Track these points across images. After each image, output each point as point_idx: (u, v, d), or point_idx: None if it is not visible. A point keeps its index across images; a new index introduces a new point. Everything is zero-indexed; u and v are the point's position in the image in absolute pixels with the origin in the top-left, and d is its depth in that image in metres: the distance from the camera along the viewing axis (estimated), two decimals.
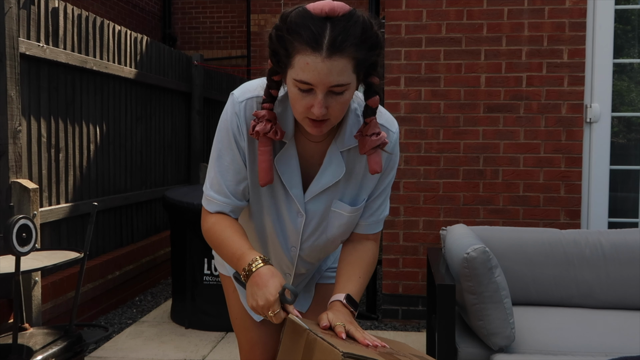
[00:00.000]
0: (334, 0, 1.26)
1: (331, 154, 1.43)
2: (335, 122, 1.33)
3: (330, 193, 1.47)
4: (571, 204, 3.74)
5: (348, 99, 1.30)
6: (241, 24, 9.29)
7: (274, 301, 1.29)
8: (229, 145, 1.44)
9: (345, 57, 1.23)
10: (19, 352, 2.42)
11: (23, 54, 3.32)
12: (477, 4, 3.75)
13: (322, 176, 1.45)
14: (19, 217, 2.34)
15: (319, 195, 1.47)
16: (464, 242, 2.50)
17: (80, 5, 6.52)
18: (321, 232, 1.51)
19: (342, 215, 1.48)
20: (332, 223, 1.49)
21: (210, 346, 3.53)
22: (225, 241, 1.44)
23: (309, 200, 1.47)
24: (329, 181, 1.45)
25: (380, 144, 1.36)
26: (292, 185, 1.45)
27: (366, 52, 1.27)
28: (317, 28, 1.22)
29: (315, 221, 1.50)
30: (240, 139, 1.43)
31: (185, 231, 3.81)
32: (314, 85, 1.25)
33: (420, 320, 3.92)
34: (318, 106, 1.26)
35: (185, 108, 5.96)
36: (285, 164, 1.44)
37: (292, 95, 1.30)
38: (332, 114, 1.30)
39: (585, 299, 2.84)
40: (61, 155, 3.79)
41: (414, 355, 1.34)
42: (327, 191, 1.46)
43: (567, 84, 3.71)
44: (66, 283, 3.66)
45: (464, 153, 3.81)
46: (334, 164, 1.44)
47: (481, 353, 2.42)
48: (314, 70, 1.23)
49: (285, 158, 1.43)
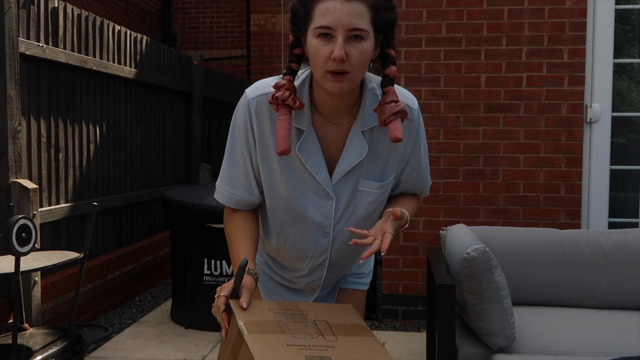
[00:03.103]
0: None
1: (353, 135, 1.47)
2: (355, 78, 1.36)
3: (356, 173, 1.50)
4: (571, 204, 3.74)
5: (367, 49, 1.34)
6: (241, 24, 9.29)
7: (225, 286, 1.37)
8: (240, 142, 1.50)
9: (363, 3, 1.31)
10: (18, 352, 2.42)
11: (23, 54, 3.32)
12: (477, 4, 3.75)
13: (346, 156, 1.48)
14: (18, 217, 2.34)
15: (345, 176, 1.50)
16: (464, 242, 2.50)
17: (80, 5, 6.52)
18: (351, 213, 1.54)
19: (370, 193, 1.52)
20: (361, 202, 1.53)
21: (210, 346, 3.53)
22: (232, 242, 1.53)
23: (336, 183, 1.50)
24: (354, 161, 1.48)
25: (399, 110, 1.39)
26: (318, 170, 1.48)
27: (383, 6, 1.34)
28: None
29: (344, 202, 1.53)
30: (251, 136, 1.48)
31: (185, 231, 3.80)
32: (333, 28, 1.31)
33: (420, 320, 3.91)
34: (338, 48, 1.30)
35: (185, 108, 5.96)
36: (307, 151, 1.47)
37: (313, 49, 1.34)
38: (352, 64, 1.33)
39: (585, 299, 2.84)
40: (61, 155, 3.79)
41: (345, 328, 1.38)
42: (353, 172, 1.50)
43: (567, 84, 3.71)
44: (66, 283, 3.66)
45: (464, 153, 3.81)
46: (357, 143, 1.48)
47: (481, 353, 2.42)
48: (334, 12, 1.30)
49: (306, 145, 1.47)
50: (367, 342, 1.34)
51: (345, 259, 1.65)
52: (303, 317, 1.39)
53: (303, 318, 1.38)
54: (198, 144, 6.09)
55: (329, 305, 1.52)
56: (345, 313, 1.46)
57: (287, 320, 1.36)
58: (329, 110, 1.46)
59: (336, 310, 1.48)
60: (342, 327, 1.38)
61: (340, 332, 1.36)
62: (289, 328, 1.33)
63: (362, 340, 1.35)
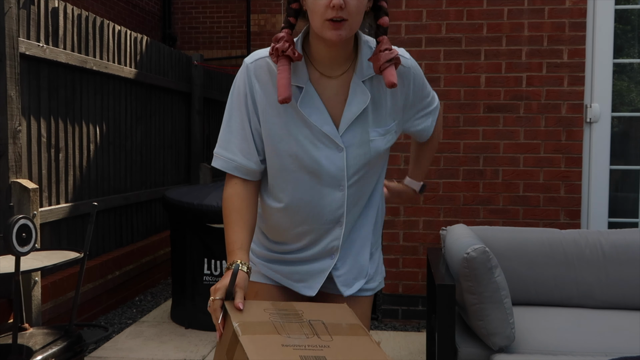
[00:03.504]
0: None
1: (355, 85, 1.52)
2: (352, 25, 1.42)
3: (362, 123, 1.54)
4: (571, 204, 3.74)
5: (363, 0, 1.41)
6: (241, 24, 9.29)
7: (219, 287, 1.38)
8: (239, 107, 1.54)
9: None
10: (18, 352, 2.42)
11: (23, 54, 3.32)
12: (477, 4, 3.75)
13: (351, 105, 1.52)
14: (18, 217, 2.34)
15: (352, 127, 1.53)
16: (464, 242, 2.50)
17: (80, 5, 6.52)
18: (363, 164, 1.57)
19: (377, 140, 1.56)
20: (370, 151, 1.57)
21: (210, 346, 3.53)
22: (228, 226, 1.53)
23: (343, 134, 1.53)
24: (359, 108, 1.52)
25: (393, 57, 1.45)
26: (323, 123, 1.52)
27: None
28: None
29: (354, 153, 1.56)
30: (250, 101, 1.52)
31: (185, 231, 3.81)
32: None
33: (420, 320, 3.91)
34: None
35: (185, 108, 5.96)
36: (309, 106, 1.51)
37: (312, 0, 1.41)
38: (350, 12, 1.39)
39: (585, 299, 2.84)
40: (61, 155, 3.79)
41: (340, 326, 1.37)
42: (359, 121, 1.54)
43: (567, 84, 3.71)
44: (66, 283, 3.66)
45: (464, 153, 3.81)
46: (359, 92, 1.52)
47: (481, 353, 2.42)
48: None
49: (307, 100, 1.51)
50: (363, 341, 1.34)
51: (358, 212, 1.64)
52: (298, 318, 1.38)
53: (298, 318, 1.38)
54: (198, 144, 6.09)
55: (324, 305, 1.51)
56: (341, 313, 1.46)
57: (282, 321, 1.36)
58: (326, 63, 1.52)
59: (332, 310, 1.47)
60: (337, 327, 1.38)
61: (336, 332, 1.36)
62: (284, 328, 1.33)
63: (357, 340, 1.35)
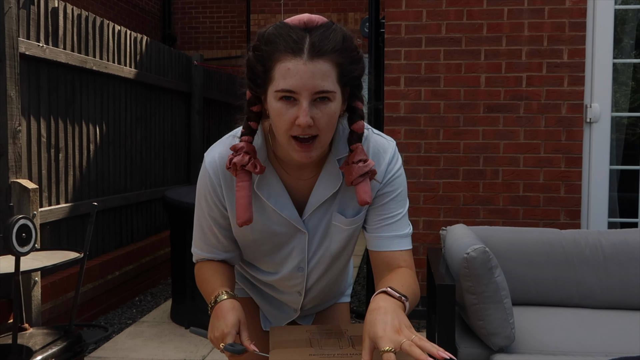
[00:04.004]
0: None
1: (328, 166, 1.36)
2: (323, 140, 1.24)
3: (329, 207, 1.39)
4: (571, 204, 3.74)
5: (334, 111, 1.22)
6: (241, 24, 9.29)
7: (227, 333, 1.27)
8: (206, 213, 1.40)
9: (328, 61, 1.18)
10: (18, 352, 2.42)
11: (23, 54, 3.32)
12: (477, 4, 3.75)
13: (319, 189, 1.37)
14: (18, 217, 2.34)
15: (318, 210, 1.39)
16: (464, 242, 2.50)
17: (80, 5, 6.52)
18: (325, 249, 1.45)
19: (340, 228, 1.41)
20: (335, 238, 1.43)
21: (210, 346, 3.53)
22: (204, 282, 1.43)
23: (309, 217, 1.40)
24: (326, 194, 1.37)
25: (368, 171, 1.28)
26: (283, 207, 1.37)
27: (349, 61, 1.21)
28: (296, 35, 1.18)
29: (319, 237, 1.43)
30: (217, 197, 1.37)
31: (185, 231, 3.80)
32: (297, 91, 1.18)
33: (420, 320, 3.91)
34: (304, 114, 1.18)
35: (185, 108, 5.96)
36: (267, 188, 1.36)
37: (275, 112, 1.21)
38: (320, 127, 1.21)
39: (585, 299, 2.84)
40: (61, 155, 3.79)
41: None
42: (325, 205, 1.39)
43: (567, 84, 3.71)
44: (66, 283, 3.66)
45: (464, 153, 3.81)
46: (331, 175, 1.36)
47: (481, 353, 2.42)
48: (296, 74, 1.17)
49: (265, 182, 1.36)
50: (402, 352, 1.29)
51: (322, 293, 1.59)
52: (340, 335, 1.33)
53: (340, 335, 1.33)
54: (198, 144, 6.09)
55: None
56: None
57: (320, 337, 1.31)
58: (295, 168, 1.35)
59: None
60: None
61: None
62: (320, 343, 1.28)
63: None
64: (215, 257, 1.47)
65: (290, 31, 1.19)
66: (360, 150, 1.29)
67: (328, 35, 1.19)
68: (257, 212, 1.37)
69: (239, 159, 1.27)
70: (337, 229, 1.42)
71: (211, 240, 1.45)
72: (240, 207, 1.29)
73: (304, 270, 1.48)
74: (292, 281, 1.51)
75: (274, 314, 1.64)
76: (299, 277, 1.50)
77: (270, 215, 1.38)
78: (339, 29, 1.22)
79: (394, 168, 1.38)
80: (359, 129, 1.30)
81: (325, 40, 1.18)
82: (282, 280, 1.51)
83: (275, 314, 1.64)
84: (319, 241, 1.43)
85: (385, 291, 1.23)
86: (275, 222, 1.39)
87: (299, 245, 1.43)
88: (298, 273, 1.48)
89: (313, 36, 1.18)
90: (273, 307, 1.63)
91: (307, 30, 1.20)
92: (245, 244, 1.46)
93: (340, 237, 1.43)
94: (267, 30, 1.23)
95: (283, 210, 1.37)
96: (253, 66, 1.23)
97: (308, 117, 1.18)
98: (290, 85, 1.17)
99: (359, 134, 1.30)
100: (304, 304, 1.58)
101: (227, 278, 1.42)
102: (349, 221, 1.40)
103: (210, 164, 1.36)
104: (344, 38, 1.22)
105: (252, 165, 1.28)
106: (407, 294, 1.27)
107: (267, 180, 1.36)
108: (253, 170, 1.28)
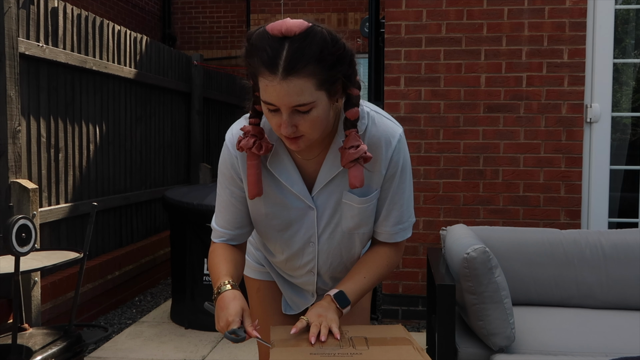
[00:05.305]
0: (292, 19, 1.27)
1: (336, 145, 1.43)
2: (313, 137, 1.33)
3: (339, 184, 1.46)
4: (571, 204, 3.74)
5: (318, 115, 1.29)
6: (241, 24, 9.29)
7: (231, 322, 1.33)
8: (225, 184, 1.52)
9: (303, 77, 1.23)
10: (18, 353, 2.42)
11: (22, 54, 3.32)
12: (477, 3, 3.75)
13: (326, 166, 1.45)
14: (18, 217, 2.34)
15: (327, 187, 1.47)
16: (464, 242, 2.50)
17: (79, 5, 6.52)
18: (336, 225, 1.51)
19: (352, 206, 1.47)
20: (345, 215, 1.49)
21: (210, 346, 3.53)
22: (212, 268, 1.51)
23: (319, 194, 1.48)
24: (334, 171, 1.45)
25: (360, 157, 1.34)
26: (293, 183, 1.47)
27: (329, 66, 1.25)
28: (273, 50, 1.23)
29: (328, 213, 1.50)
30: (234, 170, 1.49)
31: (185, 231, 3.80)
32: (276, 105, 1.27)
33: (420, 321, 3.91)
34: (284, 126, 1.28)
35: (185, 108, 5.96)
36: (279, 165, 1.47)
37: (265, 113, 1.33)
38: (305, 131, 1.30)
39: (585, 299, 2.84)
40: (61, 155, 3.79)
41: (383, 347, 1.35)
42: (335, 182, 1.46)
43: (567, 84, 3.71)
44: (66, 283, 3.66)
45: (464, 153, 3.81)
46: (338, 155, 1.42)
47: (481, 353, 2.42)
48: (273, 92, 1.25)
49: (278, 160, 1.46)
50: (403, 350, 1.31)
51: (337, 274, 1.63)
52: (340, 335, 1.38)
53: (340, 336, 1.37)
54: (198, 144, 6.09)
55: (376, 327, 1.50)
56: (391, 331, 1.45)
57: None
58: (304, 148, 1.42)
59: (382, 329, 1.46)
60: (379, 340, 1.37)
61: (376, 343, 1.35)
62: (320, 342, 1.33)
63: (396, 349, 1.32)
64: (229, 234, 1.55)
65: (268, 43, 1.24)
66: (354, 136, 1.35)
67: (303, 48, 1.22)
68: (269, 187, 1.47)
69: (245, 142, 1.38)
70: (348, 207, 1.48)
71: (227, 213, 1.54)
72: (250, 183, 1.41)
73: (315, 246, 1.55)
74: (304, 258, 1.57)
75: (295, 300, 1.71)
76: (311, 254, 1.56)
77: (282, 190, 1.48)
78: (317, 35, 1.25)
79: (399, 153, 1.46)
80: (352, 116, 1.36)
81: (299, 57, 1.22)
82: (295, 257, 1.58)
83: (296, 300, 1.71)
84: (328, 218, 1.50)
85: (333, 298, 1.44)
86: (287, 196, 1.48)
87: (308, 221, 1.51)
88: (309, 248, 1.55)
89: (289, 50, 1.22)
90: (294, 291, 1.71)
91: (286, 39, 1.23)
92: (258, 219, 1.54)
93: (351, 214, 1.49)
94: (252, 38, 1.28)
95: (294, 187, 1.47)
96: (247, 65, 1.32)
97: (289, 127, 1.28)
98: (269, 99, 1.27)
99: (352, 121, 1.36)
100: (318, 286, 1.65)
101: (233, 266, 1.50)
102: (361, 200, 1.46)
103: (230, 140, 1.49)
104: (323, 45, 1.24)
105: (257, 147, 1.38)
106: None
107: (279, 158, 1.46)
108: (258, 152, 1.38)
